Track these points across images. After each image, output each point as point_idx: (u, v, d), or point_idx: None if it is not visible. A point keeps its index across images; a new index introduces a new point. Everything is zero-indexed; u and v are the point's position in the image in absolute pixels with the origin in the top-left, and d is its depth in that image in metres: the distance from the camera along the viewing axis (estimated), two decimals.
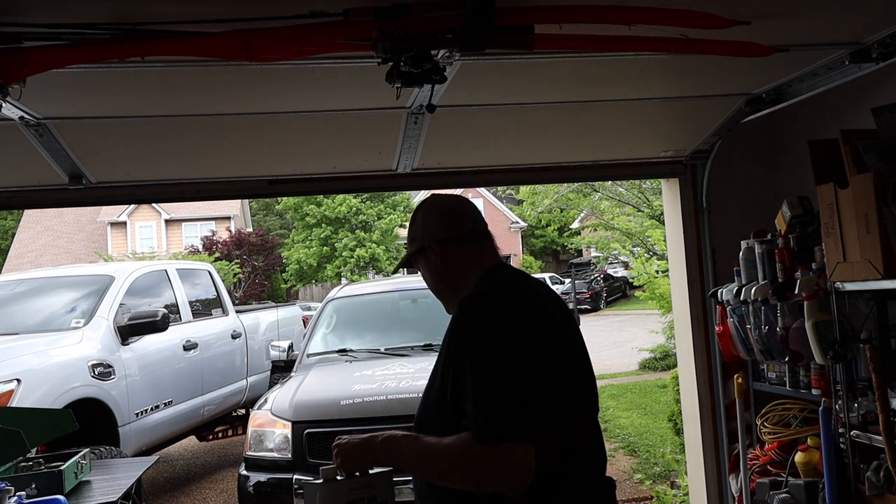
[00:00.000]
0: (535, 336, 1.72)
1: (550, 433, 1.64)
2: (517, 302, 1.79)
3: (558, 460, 1.68)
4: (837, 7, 2.57)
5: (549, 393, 1.67)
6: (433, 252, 1.99)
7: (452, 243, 1.97)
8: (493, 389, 1.63)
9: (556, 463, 1.67)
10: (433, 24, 2.11)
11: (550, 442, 1.64)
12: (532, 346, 1.70)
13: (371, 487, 1.86)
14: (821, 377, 3.16)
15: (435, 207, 2.06)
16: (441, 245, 1.98)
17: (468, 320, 1.74)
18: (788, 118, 3.94)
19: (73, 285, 6.61)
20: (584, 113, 3.60)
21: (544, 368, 1.69)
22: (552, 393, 1.68)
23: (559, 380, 1.71)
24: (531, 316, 1.76)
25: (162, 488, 7.63)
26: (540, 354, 1.70)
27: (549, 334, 1.76)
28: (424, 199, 2.14)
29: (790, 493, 3.29)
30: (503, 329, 1.70)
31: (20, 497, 3.07)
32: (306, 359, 5.98)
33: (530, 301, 1.82)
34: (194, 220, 34.17)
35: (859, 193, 2.80)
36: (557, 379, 1.71)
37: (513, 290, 1.86)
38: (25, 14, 2.08)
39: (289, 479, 4.56)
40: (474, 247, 1.99)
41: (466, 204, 2.09)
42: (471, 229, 2.01)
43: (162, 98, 3.01)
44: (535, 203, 16.75)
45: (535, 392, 1.64)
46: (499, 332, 1.70)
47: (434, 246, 1.99)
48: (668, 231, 4.69)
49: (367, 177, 4.14)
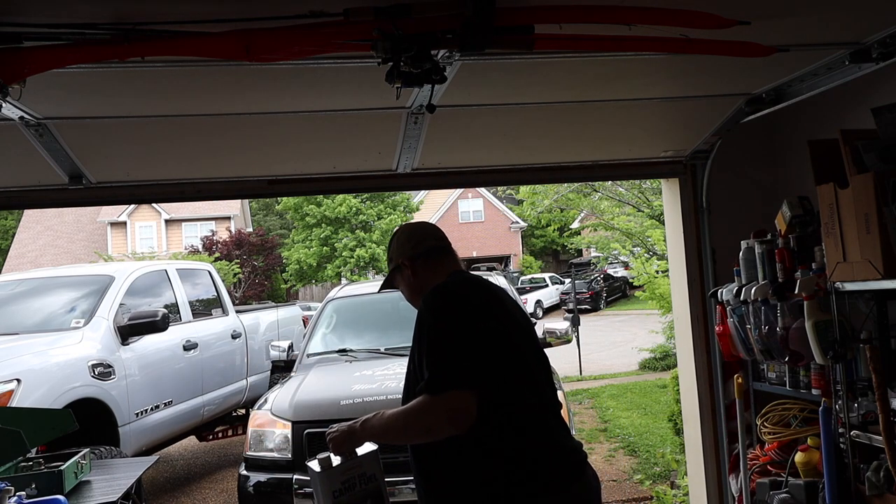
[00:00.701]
0: (474, 315, 2.16)
1: (487, 386, 2.03)
2: (461, 291, 2.25)
3: (499, 409, 2.06)
4: (837, 7, 2.57)
5: (485, 356, 2.08)
6: (406, 267, 2.44)
7: (420, 258, 2.42)
8: (440, 352, 2.08)
9: (497, 411, 2.05)
10: (433, 24, 2.12)
11: (488, 393, 2.03)
12: (472, 322, 2.13)
13: (361, 466, 2.27)
14: (821, 377, 3.16)
15: (404, 232, 2.54)
16: (411, 261, 2.42)
17: (426, 306, 2.20)
18: (788, 118, 3.94)
19: (73, 285, 6.61)
20: (584, 113, 3.60)
21: (482, 338, 2.11)
22: (488, 356, 2.08)
23: (494, 348, 2.12)
24: (471, 300, 2.21)
25: (162, 488, 7.63)
26: (478, 328, 2.12)
27: (486, 314, 2.19)
28: (396, 228, 2.64)
29: (790, 493, 3.30)
30: (450, 309, 2.16)
31: (20, 497, 3.07)
32: (306, 359, 5.98)
33: (471, 291, 2.27)
34: (194, 220, 34.17)
35: (859, 193, 2.80)
36: (492, 347, 2.12)
37: (458, 283, 2.29)
38: (25, 14, 2.08)
39: (289, 479, 4.56)
40: (437, 261, 2.43)
41: (431, 227, 2.60)
42: (434, 246, 2.45)
43: (162, 98, 3.01)
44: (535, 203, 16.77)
45: (474, 354, 2.06)
46: (447, 311, 2.15)
47: (406, 262, 2.43)
48: (668, 231, 4.69)
49: (367, 177, 4.14)
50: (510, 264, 37.21)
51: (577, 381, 13.06)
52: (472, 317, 2.15)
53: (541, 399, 2.22)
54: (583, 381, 13.10)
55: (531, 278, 31.98)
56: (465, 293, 2.24)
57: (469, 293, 2.25)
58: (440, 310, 2.16)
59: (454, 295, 2.21)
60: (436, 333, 2.11)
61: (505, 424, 2.07)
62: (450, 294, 2.21)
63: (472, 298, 2.22)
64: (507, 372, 2.12)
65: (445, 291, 2.22)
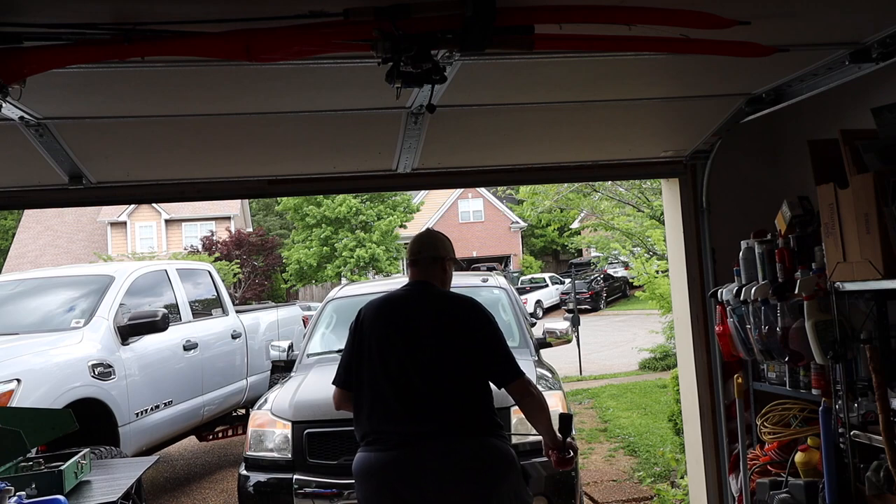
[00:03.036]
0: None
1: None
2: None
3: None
4: (837, 7, 2.57)
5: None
6: (449, 263, 3.21)
7: (453, 262, 3.25)
8: (507, 348, 2.98)
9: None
10: (433, 24, 2.12)
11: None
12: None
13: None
14: (821, 377, 3.16)
15: (445, 237, 3.29)
16: (451, 261, 3.23)
17: (483, 313, 3.02)
18: (788, 118, 3.94)
19: (73, 285, 6.61)
20: (584, 113, 3.60)
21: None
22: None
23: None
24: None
25: (162, 488, 7.63)
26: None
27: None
28: (432, 231, 3.38)
29: (790, 493, 3.29)
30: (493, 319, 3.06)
31: (20, 497, 3.07)
32: (306, 359, 5.98)
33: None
34: (194, 220, 34.17)
35: (859, 193, 2.80)
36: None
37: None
38: (25, 14, 2.08)
39: (289, 479, 4.56)
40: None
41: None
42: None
43: (162, 98, 3.01)
44: (535, 203, 16.77)
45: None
46: (493, 320, 3.04)
47: (449, 260, 3.21)
48: (668, 231, 4.69)
49: (367, 177, 4.14)
50: (510, 264, 37.21)
51: (577, 381, 13.06)
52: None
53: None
54: (583, 381, 13.10)
55: (531, 278, 31.98)
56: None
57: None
58: (492, 318, 3.00)
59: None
60: (498, 335, 2.97)
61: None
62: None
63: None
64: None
65: (482, 305, 3.07)
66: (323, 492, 4.48)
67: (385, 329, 2.99)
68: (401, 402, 2.86)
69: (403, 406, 2.86)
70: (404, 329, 2.98)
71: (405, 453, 2.79)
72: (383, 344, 2.96)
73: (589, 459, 7.60)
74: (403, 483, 2.79)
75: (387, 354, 2.94)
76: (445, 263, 3.18)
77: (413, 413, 2.85)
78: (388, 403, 2.88)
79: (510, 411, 4.60)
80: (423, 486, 2.78)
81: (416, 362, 2.90)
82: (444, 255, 3.17)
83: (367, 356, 2.98)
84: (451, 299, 3.10)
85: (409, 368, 2.90)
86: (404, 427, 2.83)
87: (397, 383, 2.89)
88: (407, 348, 2.92)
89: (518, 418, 4.58)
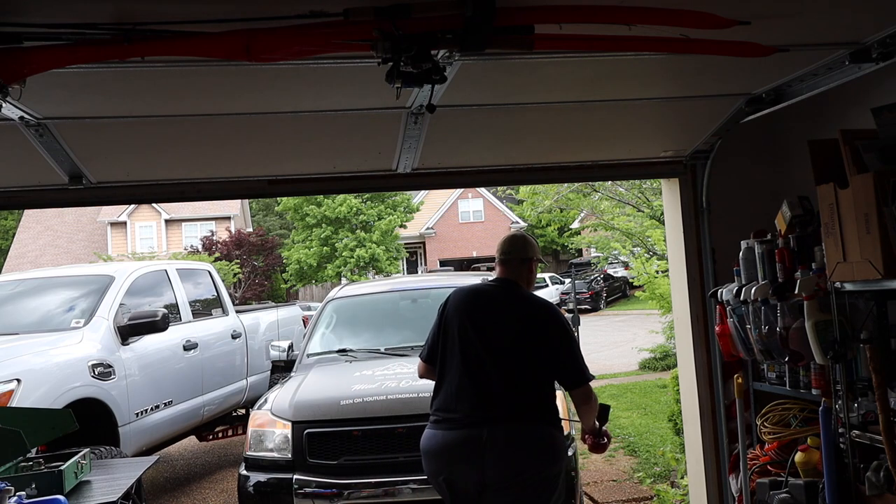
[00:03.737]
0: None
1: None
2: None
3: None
4: (837, 7, 2.57)
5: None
6: (536, 264, 3.47)
7: (536, 262, 3.49)
8: (580, 355, 3.26)
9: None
10: (433, 24, 2.12)
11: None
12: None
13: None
14: (821, 377, 3.16)
15: (532, 239, 3.57)
16: (537, 261, 3.47)
17: (561, 320, 3.29)
18: (788, 118, 3.93)
19: (73, 285, 6.61)
20: (584, 113, 3.60)
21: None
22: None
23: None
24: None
25: (162, 488, 7.63)
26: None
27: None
28: (521, 233, 3.72)
29: (790, 493, 3.29)
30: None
31: (20, 497, 3.07)
32: (306, 359, 5.98)
33: None
34: (194, 220, 34.17)
35: (859, 193, 2.80)
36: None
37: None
38: (25, 14, 2.08)
39: (289, 479, 4.56)
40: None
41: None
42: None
43: (162, 98, 3.01)
44: (535, 203, 16.74)
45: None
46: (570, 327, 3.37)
47: (535, 260, 3.46)
48: (668, 231, 4.69)
49: (367, 177, 4.14)
50: None
51: None
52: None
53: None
54: None
55: None
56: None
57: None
58: (568, 326, 3.28)
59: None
60: (572, 343, 3.25)
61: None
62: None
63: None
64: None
65: (560, 313, 3.39)
66: (323, 492, 4.49)
67: (468, 319, 3.27)
68: (473, 387, 3.14)
69: (475, 391, 3.13)
70: (486, 322, 3.24)
71: (471, 433, 3.06)
72: (465, 332, 3.24)
73: (589, 459, 7.60)
74: (466, 460, 3.05)
75: (466, 342, 3.22)
76: (532, 264, 3.45)
77: (483, 399, 3.11)
78: (461, 386, 3.16)
79: None
80: (484, 464, 3.02)
81: (492, 354, 3.17)
82: (532, 257, 3.45)
83: (449, 340, 3.28)
84: (533, 303, 3.33)
85: (485, 359, 3.17)
86: (473, 410, 3.10)
87: (472, 370, 3.17)
88: (485, 340, 3.19)
89: None
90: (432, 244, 38.04)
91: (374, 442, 4.60)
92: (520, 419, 3.09)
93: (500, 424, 3.05)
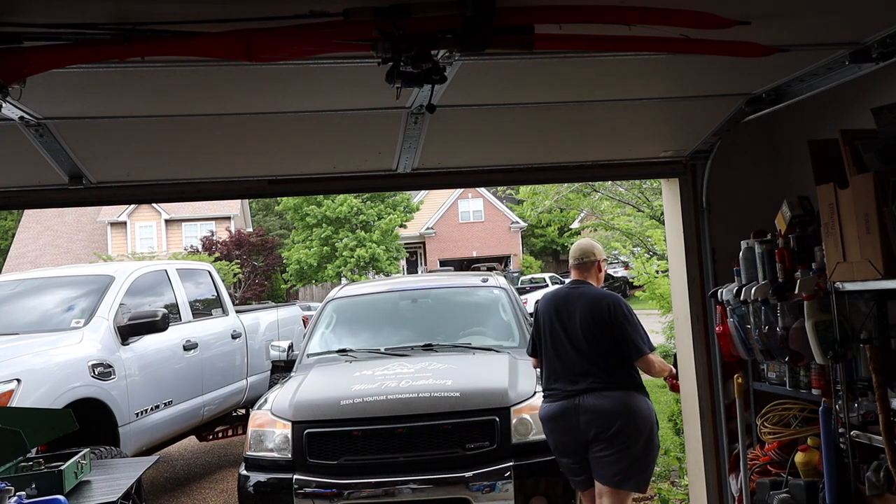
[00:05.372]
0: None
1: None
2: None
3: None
4: (837, 7, 2.57)
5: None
6: (602, 264, 4.31)
7: (604, 261, 4.35)
8: (643, 331, 4.07)
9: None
10: (433, 24, 2.12)
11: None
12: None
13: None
14: (821, 377, 3.16)
15: (598, 244, 4.43)
16: (604, 262, 4.34)
17: (624, 305, 4.08)
18: (788, 118, 3.94)
19: (74, 285, 6.61)
20: (584, 113, 3.60)
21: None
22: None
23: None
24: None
25: (162, 488, 7.62)
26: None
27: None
28: (589, 238, 5.20)
29: (790, 493, 3.30)
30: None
31: (20, 497, 3.07)
32: (306, 359, 5.97)
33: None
34: (194, 220, 34.17)
35: (859, 193, 2.80)
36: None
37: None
38: (25, 14, 2.08)
39: (289, 479, 4.56)
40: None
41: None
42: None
43: (162, 98, 3.01)
44: (536, 203, 16.74)
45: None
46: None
47: (603, 261, 4.33)
48: (668, 231, 4.69)
49: (367, 177, 4.14)
50: (510, 264, 37.21)
51: None
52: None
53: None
54: None
55: (531, 278, 31.97)
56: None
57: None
58: (629, 312, 4.04)
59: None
60: (635, 325, 4.00)
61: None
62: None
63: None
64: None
65: (624, 301, 4.14)
66: (323, 492, 4.49)
67: (555, 315, 4.16)
68: (564, 368, 4.07)
69: (565, 371, 4.06)
70: (566, 317, 4.11)
71: (567, 404, 4.00)
72: (552, 327, 4.14)
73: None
74: (571, 422, 3.98)
75: (554, 334, 4.14)
76: (600, 264, 4.28)
77: (571, 376, 4.03)
78: (555, 368, 4.11)
79: (510, 411, 4.61)
80: (580, 424, 3.95)
81: (573, 341, 4.05)
82: (599, 258, 4.28)
83: (543, 335, 4.21)
84: (603, 296, 4.15)
85: (568, 346, 4.07)
86: (566, 386, 4.03)
87: (561, 355, 4.10)
88: (567, 331, 4.07)
89: (518, 419, 4.60)
90: (432, 244, 38.04)
91: (374, 442, 4.60)
92: (600, 388, 3.93)
93: (586, 394, 3.94)
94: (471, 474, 4.44)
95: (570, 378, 4.02)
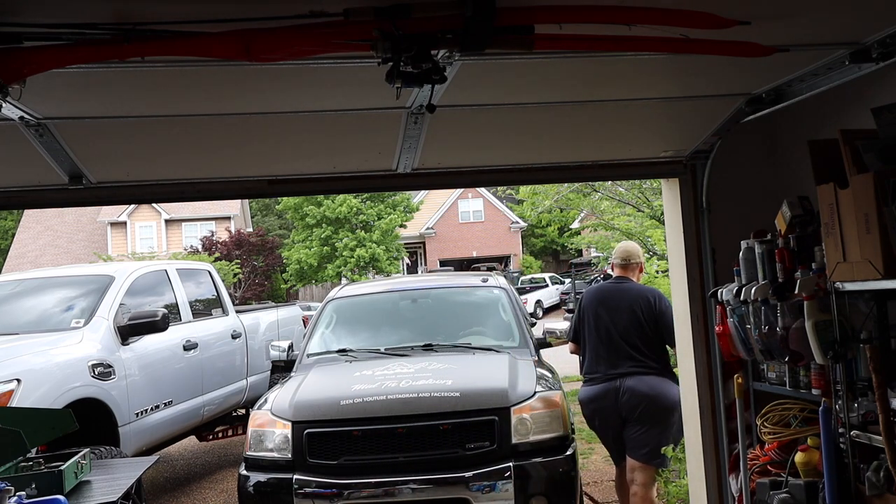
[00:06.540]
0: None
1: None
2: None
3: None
4: (837, 7, 2.57)
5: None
6: (642, 264, 5.08)
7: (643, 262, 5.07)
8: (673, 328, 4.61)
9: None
10: (433, 24, 2.12)
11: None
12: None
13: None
14: (821, 377, 3.16)
15: (639, 247, 5.29)
16: (643, 262, 4.97)
17: (665, 301, 4.77)
18: (788, 118, 3.94)
19: (74, 285, 6.61)
20: (584, 113, 3.59)
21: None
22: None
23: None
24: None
25: (162, 488, 7.63)
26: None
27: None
28: (633, 242, 6.47)
29: (790, 493, 3.29)
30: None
31: (20, 497, 3.07)
32: (306, 359, 5.97)
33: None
34: (194, 220, 34.19)
35: (859, 193, 2.80)
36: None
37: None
38: (25, 14, 2.08)
39: (289, 479, 4.56)
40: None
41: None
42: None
43: (162, 98, 3.01)
44: (535, 203, 16.75)
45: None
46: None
47: (642, 261, 5.12)
48: (668, 231, 4.69)
49: (367, 177, 4.14)
50: (510, 264, 37.23)
51: (577, 381, 12.97)
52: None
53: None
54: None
55: (531, 278, 31.99)
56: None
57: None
58: (668, 305, 4.57)
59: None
60: (671, 316, 4.48)
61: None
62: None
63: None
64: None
65: (662, 295, 4.83)
66: (323, 492, 4.49)
67: (601, 306, 4.91)
68: (607, 353, 4.75)
69: (608, 356, 4.74)
70: (611, 307, 4.86)
71: (608, 385, 4.68)
72: (598, 316, 4.89)
73: (589, 459, 7.60)
74: (611, 403, 4.65)
75: (599, 323, 4.86)
76: (641, 265, 5.19)
77: (614, 360, 4.71)
78: (598, 353, 4.80)
79: (510, 411, 4.62)
80: (619, 405, 4.64)
81: (617, 328, 4.75)
82: (640, 260, 5.18)
83: (587, 323, 4.95)
84: (647, 290, 5.00)
85: (612, 332, 4.77)
86: (608, 369, 4.71)
87: (604, 341, 4.81)
88: (612, 319, 4.81)
89: (518, 419, 4.60)
90: (432, 244, 38.06)
91: (374, 442, 4.60)
92: (639, 373, 4.60)
93: (627, 377, 4.58)
94: (471, 474, 4.44)
95: (612, 361, 4.70)
